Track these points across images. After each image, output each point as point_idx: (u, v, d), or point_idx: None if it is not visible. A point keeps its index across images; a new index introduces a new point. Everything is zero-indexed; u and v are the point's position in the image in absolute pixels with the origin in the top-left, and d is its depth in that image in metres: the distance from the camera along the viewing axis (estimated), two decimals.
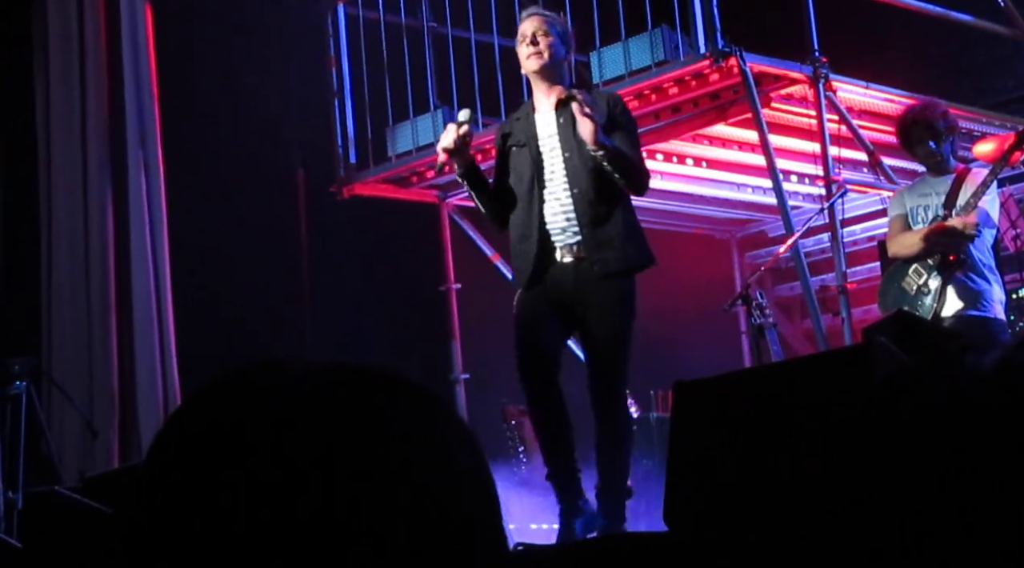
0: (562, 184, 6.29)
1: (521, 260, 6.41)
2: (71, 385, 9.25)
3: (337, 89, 10.49)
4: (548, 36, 6.42)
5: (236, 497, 1.28)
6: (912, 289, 7.47)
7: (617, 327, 6.32)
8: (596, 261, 6.24)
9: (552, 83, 6.45)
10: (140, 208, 9.62)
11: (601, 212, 6.26)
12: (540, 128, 6.43)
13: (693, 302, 11.11)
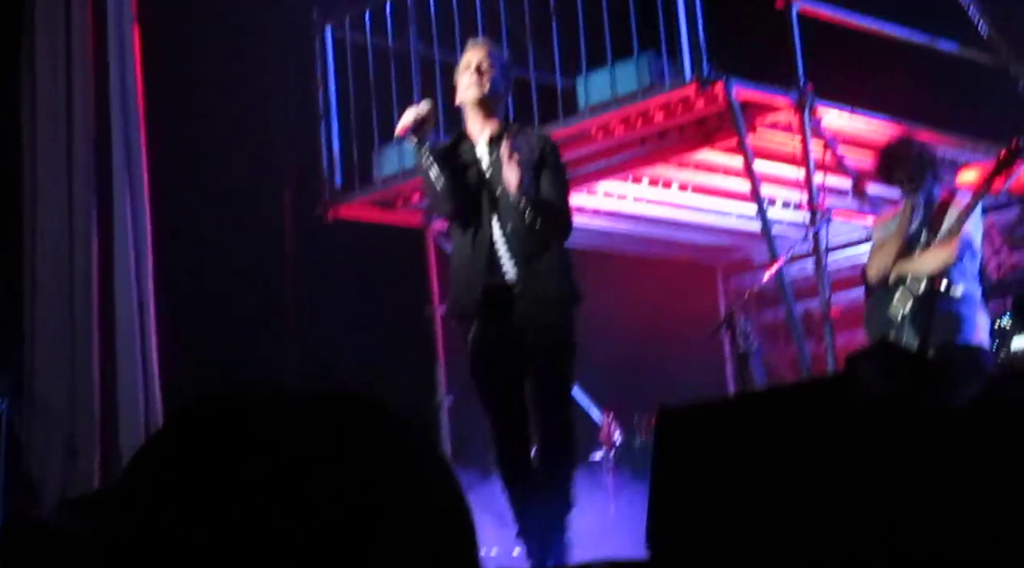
0: (496, 220, 6.21)
1: (466, 290, 6.28)
2: (53, 403, 9.23)
3: (324, 111, 10.51)
4: (491, 69, 6.35)
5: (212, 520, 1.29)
6: (897, 316, 7.47)
7: (559, 360, 6.21)
8: (534, 296, 6.16)
9: (488, 116, 6.36)
10: (125, 227, 9.61)
11: (535, 248, 6.17)
12: (479, 159, 6.33)
13: (678, 327, 11.13)
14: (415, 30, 10.47)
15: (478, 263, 6.21)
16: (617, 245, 11.36)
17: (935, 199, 7.62)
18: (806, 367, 8.39)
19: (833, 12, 9.26)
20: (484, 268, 6.19)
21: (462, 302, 6.30)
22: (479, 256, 6.21)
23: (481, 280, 6.19)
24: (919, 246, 7.47)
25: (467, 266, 6.26)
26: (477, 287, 6.20)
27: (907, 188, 7.70)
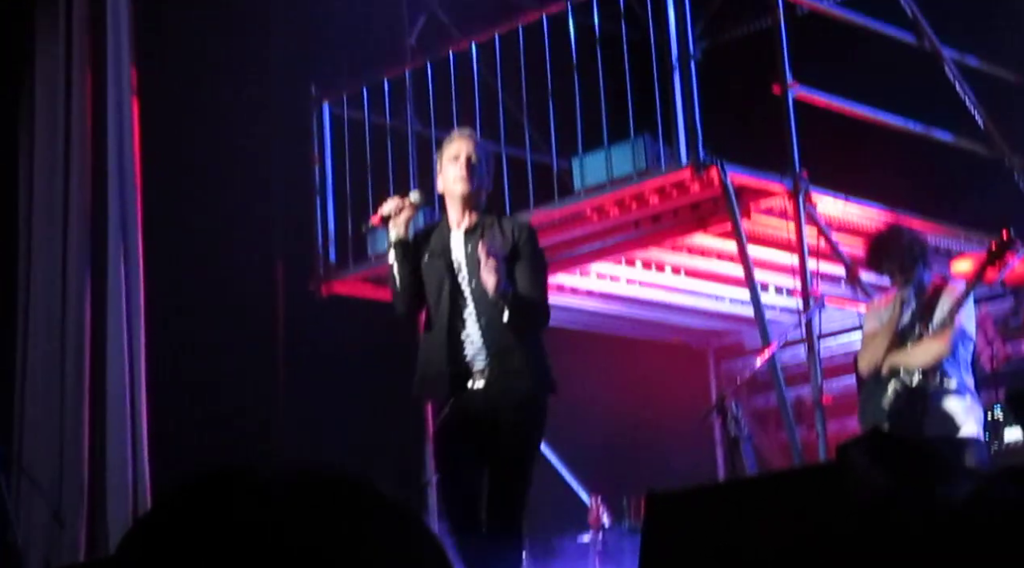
0: (471, 311, 6.25)
1: (435, 378, 6.31)
2: (41, 474, 9.19)
3: (319, 187, 10.53)
4: (480, 163, 6.39)
5: None
6: (890, 407, 7.46)
7: (521, 454, 6.25)
8: (504, 389, 6.18)
9: (469, 208, 6.39)
10: (119, 298, 9.60)
11: (508, 341, 6.21)
12: (453, 248, 6.37)
13: (668, 410, 11.11)
14: (413, 107, 10.52)
15: (443, 351, 6.23)
16: (609, 326, 11.36)
17: (926, 287, 7.63)
18: (797, 454, 8.37)
19: (829, 99, 9.30)
20: (449, 356, 6.23)
21: (427, 385, 6.37)
22: (444, 344, 6.23)
23: (447, 368, 6.22)
24: (912, 337, 7.46)
25: (434, 353, 6.29)
26: (444, 374, 6.22)
27: (897, 279, 7.72)
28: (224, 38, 10.86)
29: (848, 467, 2.93)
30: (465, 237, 6.32)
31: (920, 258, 7.65)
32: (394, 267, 6.32)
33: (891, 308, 7.62)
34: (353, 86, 10.47)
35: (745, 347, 12.10)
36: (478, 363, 6.22)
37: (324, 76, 10.76)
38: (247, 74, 11.11)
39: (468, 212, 6.38)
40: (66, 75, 9.80)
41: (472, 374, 6.23)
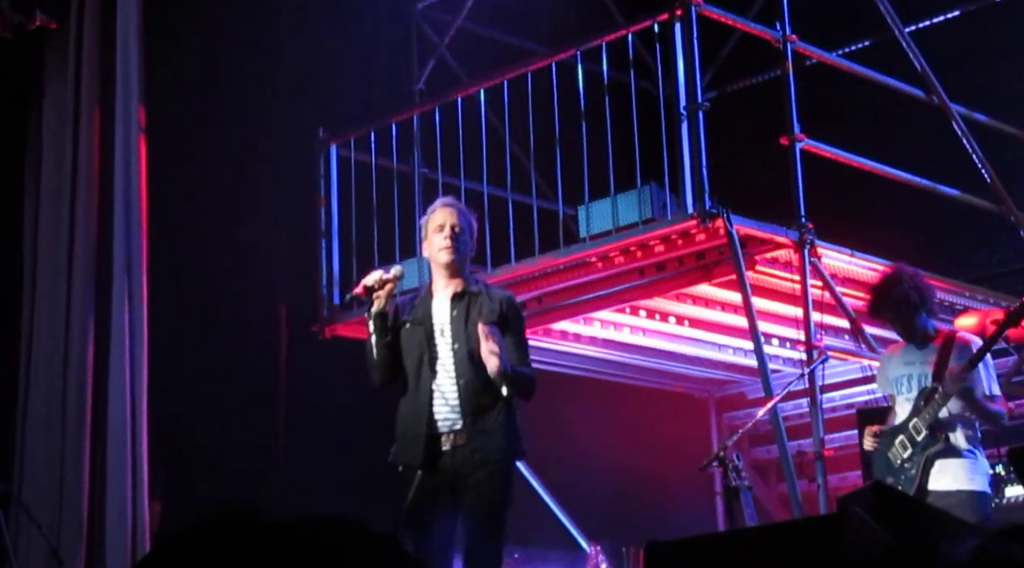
0: (450, 373, 6.45)
1: (411, 441, 6.49)
2: (40, 511, 9.15)
3: (325, 228, 10.54)
4: (464, 233, 6.65)
5: None
6: (897, 461, 7.45)
7: (493, 512, 6.41)
8: (476, 449, 6.38)
9: (453, 275, 6.63)
10: (121, 336, 9.59)
11: (485, 403, 6.42)
12: (435, 314, 6.58)
13: (669, 460, 11.09)
14: (419, 151, 10.54)
15: (423, 413, 6.44)
16: (611, 373, 11.35)
17: (931, 335, 7.63)
18: (798, 506, 8.34)
19: (836, 152, 9.31)
20: (428, 419, 6.43)
21: (406, 453, 6.53)
22: (423, 407, 6.44)
23: (424, 431, 6.43)
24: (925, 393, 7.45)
25: (412, 416, 6.51)
26: (421, 437, 6.43)
27: (897, 328, 7.73)
28: (233, 79, 10.89)
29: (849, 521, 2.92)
30: (451, 302, 6.56)
31: (921, 305, 7.64)
32: (372, 338, 6.56)
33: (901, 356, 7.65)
34: (361, 129, 10.49)
35: (747, 397, 12.09)
36: (454, 424, 6.42)
37: (332, 119, 10.78)
38: (255, 115, 11.14)
39: (453, 279, 6.62)
40: (74, 113, 9.81)
41: (447, 434, 6.43)
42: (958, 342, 7.55)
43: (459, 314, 6.50)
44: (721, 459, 7.69)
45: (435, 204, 6.81)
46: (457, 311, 6.52)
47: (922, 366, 7.56)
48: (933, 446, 7.35)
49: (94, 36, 9.76)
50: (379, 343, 6.55)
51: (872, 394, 9.32)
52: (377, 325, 6.54)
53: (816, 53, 9.71)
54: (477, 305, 6.51)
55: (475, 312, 6.48)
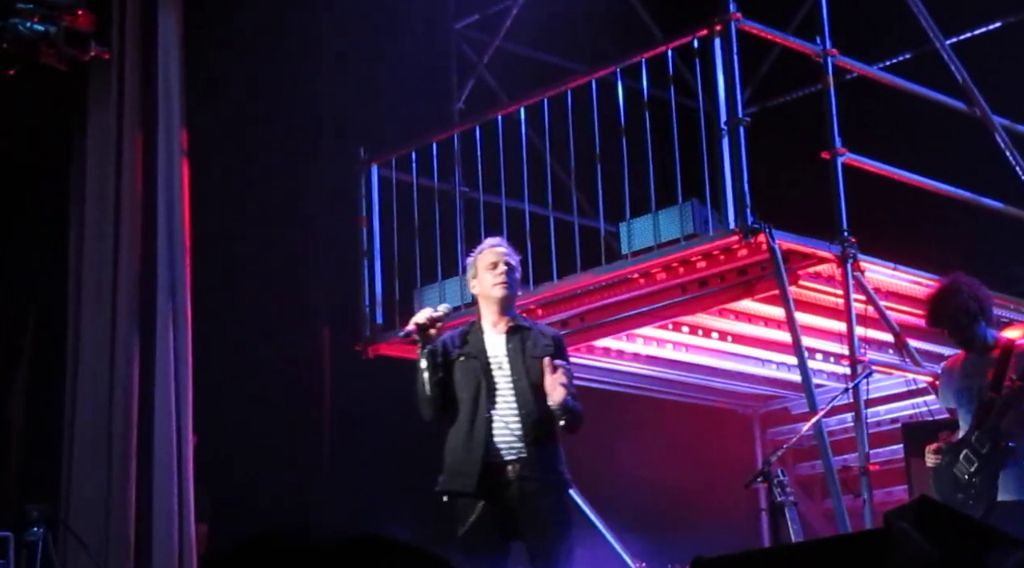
0: (511, 405, 6.70)
1: (463, 469, 6.69)
2: (87, 533, 9.19)
3: (367, 248, 10.57)
4: (513, 270, 6.95)
5: None
6: (964, 476, 7.42)
7: (562, 542, 6.67)
8: (539, 480, 6.63)
9: (504, 311, 6.89)
10: (166, 359, 9.63)
11: (543, 433, 6.66)
12: (489, 348, 6.82)
13: (713, 476, 11.05)
14: (460, 170, 10.56)
15: (478, 443, 6.65)
16: (654, 390, 11.33)
17: (990, 346, 7.60)
18: (843, 522, 8.31)
19: (878, 166, 9.28)
20: (486, 448, 6.64)
21: (459, 480, 6.73)
22: (480, 437, 6.65)
23: (480, 459, 6.63)
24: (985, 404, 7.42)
25: (465, 446, 6.70)
26: (476, 465, 6.63)
27: (956, 339, 7.70)
28: (274, 101, 10.95)
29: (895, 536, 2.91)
30: (507, 337, 6.82)
31: (980, 315, 7.62)
32: (424, 374, 6.74)
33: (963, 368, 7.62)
34: (401, 149, 10.52)
35: (791, 413, 12.05)
36: (520, 453, 6.64)
37: (373, 139, 10.81)
38: (297, 136, 11.19)
39: (503, 315, 6.87)
40: (117, 137, 9.86)
41: (506, 466, 6.64)
42: (1018, 351, 7.52)
43: (515, 347, 6.79)
44: (766, 475, 7.66)
45: (483, 245, 7.11)
46: (513, 345, 6.80)
47: (983, 377, 7.53)
48: (998, 457, 7.31)
49: (135, 62, 9.82)
50: (431, 379, 6.73)
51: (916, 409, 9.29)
52: (429, 362, 6.73)
53: (856, 67, 9.69)
54: (531, 340, 6.79)
55: (530, 346, 6.77)
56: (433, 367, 6.73)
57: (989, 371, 7.52)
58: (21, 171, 9.78)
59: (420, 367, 6.75)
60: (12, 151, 9.64)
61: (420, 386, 6.77)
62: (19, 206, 9.84)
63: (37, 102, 9.64)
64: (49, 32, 4.30)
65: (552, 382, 6.58)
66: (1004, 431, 7.35)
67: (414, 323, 6.72)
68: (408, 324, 6.79)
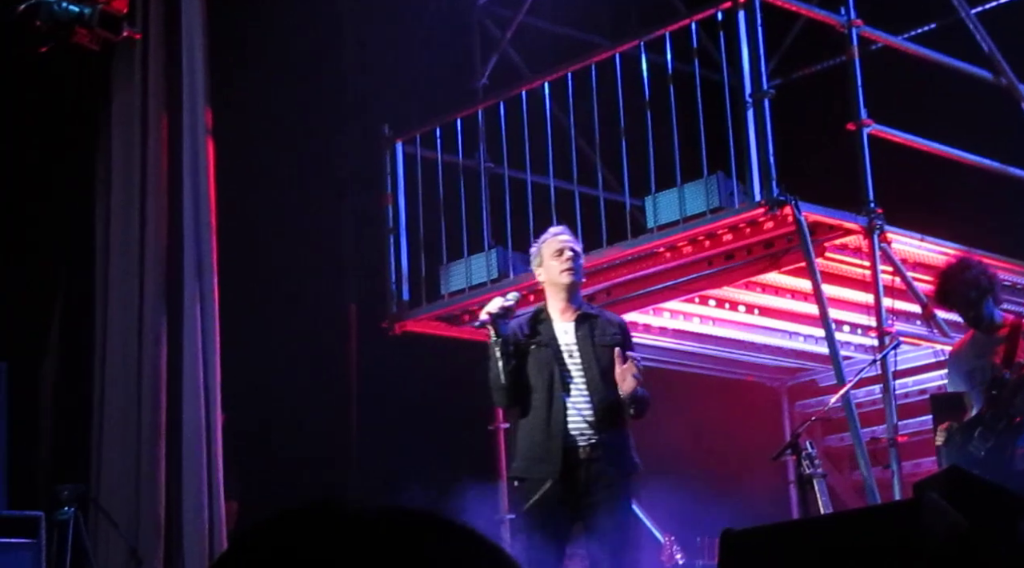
0: (582, 392, 6.87)
1: (544, 456, 6.84)
2: (118, 513, 9.24)
3: (392, 226, 10.57)
4: (578, 257, 7.11)
5: None
6: (980, 453, 7.40)
7: (627, 526, 6.97)
8: (611, 464, 6.82)
9: (571, 298, 7.06)
10: (194, 339, 9.65)
11: (613, 419, 6.86)
12: (559, 336, 6.99)
13: (741, 449, 11.05)
14: (485, 146, 10.55)
15: (556, 429, 6.81)
16: (682, 363, 11.32)
17: (997, 324, 7.58)
18: (872, 494, 8.30)
19: (904, 136, 9.25)
20: (562, 434, 6.80)
21: (541, 466, 6.86)
22: (558, 423, 6.81)
23: (559, 445, 6.79)
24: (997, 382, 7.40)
25: (543, 432, 6.85)
26: (557, 453, 6.79)
27: (965, 314, 7.68)
28: (299, 79, 10.95)
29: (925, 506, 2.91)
30: (575, 324, 6.98)
31: (988, 292, 7.60)
32: (499, 362, 6.86)
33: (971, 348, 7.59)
34: (426, 126, 10.52)
35: (819, 385, 12.03)
36: (590, 438, 6.81)
37: (397, 116, 10.81)
38: (322, 114, 11.19)
39: (570, 302, 7.02)
40: (142, 118, 9.88)
41: (578, 450, 6.80)
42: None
43: (584, 335, 6.96)
44: (794, 448, 7.65)
45: (547, 234, 7.22)
46: (582, 332, 6.98)
47: (992, 356, 7.51)
48: (1013, 434, 7.30)
49: (160, 42, 9.83)
50: (505, 368, 6.86)
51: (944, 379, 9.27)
52: (503, 349, 6.85)
53: (881, 37, 9.65)
54: (599, 328, 6.97)
55: (598, 334, 6.95)
56: (506, 356, 6.86)
57: (998, 349, 7.50)
58: (46, 152, 9.81)
59: (494, 356, 6.87)
60: (36, 132, 9.66)
61: (494, 375, 6.90)
62: (44, 187, 9.87)
63: (62, 82, 9.67)
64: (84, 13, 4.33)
65: (622, 373, 6.78)
66: (1018, 407, 7.33)
67: (487, 313, 6.87)
68: (481, 314, 6.94)
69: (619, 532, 6.84)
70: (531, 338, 6.98)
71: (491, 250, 9.98)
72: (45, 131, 9.70)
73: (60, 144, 9.89)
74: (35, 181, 9.78)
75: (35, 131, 9.62)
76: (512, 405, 7.11)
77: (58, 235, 9.98)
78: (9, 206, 9.61)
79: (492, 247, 10.03)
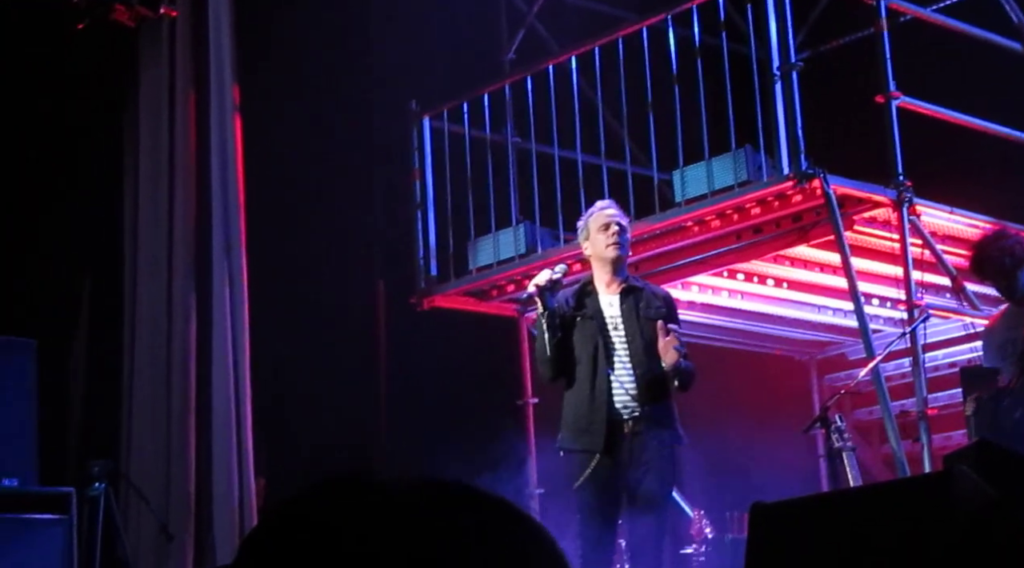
0: (626, 364, 6.96)
1: (589, 428, 6.93)
2: (148, 488, 9.28)
3: (420, 201, 10.57)
4: (625, 231, 7.17)
5: None
6: (1008, 422, 7.38)
7: (666, 493, 7.05)
8: (655, 437, 6.91)
9: (616, 271, 7.16)
10: (223, 316, 9.69)
11: (657, 392, 6.95)
12: (604, 309, 7.07)
13: (771, 423, 11.03)
14: (512, 120, 10.53)
15: (600, 402, 6.90)
16: (710, 337, 11.30)
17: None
18: (902, 467, 8.28)
19: (933, 108, 9.21)
20: (607, 406, 6.89)
21: (586, 439, 6.94)
22: (602, 396, 6.91)
23: (603, 417, 6.88)
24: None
25: (588, 405, 6.93)
26: (600, 425, 6.88)
27: (998, 284, 7.65)
28: (325, 55, 10.94)
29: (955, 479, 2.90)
30: (620, 297, 7.06)
31: (1023, 262, 7.57)
32: (545, 335, 6.96)
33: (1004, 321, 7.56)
34: (452, 101, 10.50)
35: (848, 359, 12.00)
36: (634, 411, 6.90)
37: (424, 91, 10.80)
38: (348, 90, 11.19)
39: (616, 275, 7.11)
40: (169, 95, 9.91)
41: (623, 423, 6.90)
42: None
43: (629, 308, 7.05)
44: (824, 421, 7.64)
45: (594, 208, 7.29)
46: (627, 305, 7.08)
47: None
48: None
49: (187, 18, 9.85)
50: (552, 340, 6.95)
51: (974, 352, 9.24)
52: (550, 322, 6.93)
53: (910, 9, 9.61)
54: (644, 301, 7.06)
55: (643, 307, 7.04)
56: (553, 328, 6.93)
57: None
58: (74, 130, 9.83)
59: (541, 329, 6.96)
60: (63, 110, 9.68)
61: (540, 347, 7.01)
62: (73, 165, 9.89)
63: (89, 59, 9.68)
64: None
65: (665, 345, 6.86)
66: None
67: (535, 286, 6.92)
68: (528, 286, 7.02)
69: (661, 504, 6.97)
70: (577, 310, 7.04)
71: (519, 225, 9.98)
72: (72, 109, 9.71)
73: (87, 122, 9.91)
74: (63, 160, 9.80)
75: (62, 109, 9.64)
76: (557, 377, 7.13)
77: (86, 213, 10.01)
78: (38, 185, 9.64)
79: (520, 222, 10.03)
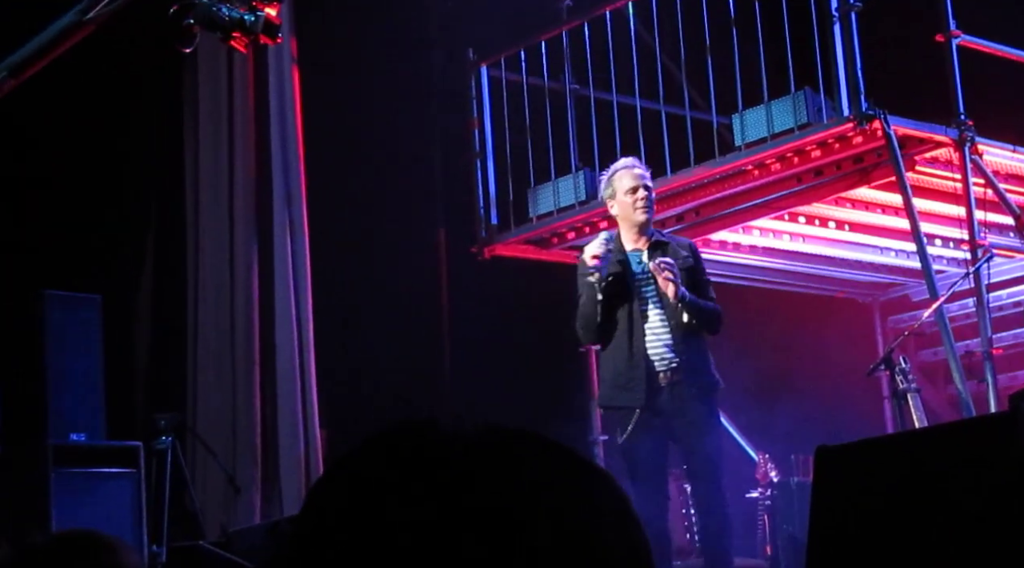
0: (661, 317, 7.05)
1: (628, 385, 7.04)
2: (215, 441, 9.37)
3: (479, 150, 10.56)
4: (651, 192, 7.26)
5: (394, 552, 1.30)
6: None
7: (716, 441, 7.22)
8: (693, 384, 7.03)
9: (643, 229, 7.24)
10: (285, 267, 9.74)
11: (692, 341, 7.06)
12: (635, 266, 7.17)
13: (835, 366, 11.00)
14: (570, 68, 10.50)
15: (639, 357, 7.01)
16: (772, 281, 11.28)
17: None
18: (967, 407, 8.25)
19: (993, 46, 9.12)
20: (645, 361, 7.00)
21: (626, 395, 7.05)
22: (639, 351, 7.02)
23: (643, 373, 6.99)
24: None
25: (626, 361, 7.04)
26: (641, 379, 6.99)
27: None
28: (382, 5, 10.94)
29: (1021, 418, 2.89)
30: (649, 253, 7.14)
31: None
32: (598, 305, 7.06)
33: None
34: (510, 49, 10.48)
35: (912, 300, 11.94)
36: (671, 363, 7.01)
37: (481, 40, 10.78)
38: (405, 40, 11.19)
39: (643, 233, 7.21)
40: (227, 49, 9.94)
41: (659, 374, 7.01)
42: None
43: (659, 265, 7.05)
44: (888, 363, 7.62)
45: (618, 166, 7.39)
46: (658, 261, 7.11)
47: None
48: None
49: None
50: (603, 308, 7.08)
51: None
52: (604, 291, 7.06)
53: None
54: (671, 253, 7.11)
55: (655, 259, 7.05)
56: (606, 295, 7.05)
57: None
58: (134, 87, 9.88)
59: (593, 296, 7.06)
60: (123, 66, 9.72)
61: (590, 313, 7.11)
62: (133, 122, 9.95)
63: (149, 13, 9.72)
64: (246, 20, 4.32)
65: (662, 283, 6.97)
66: None
67: (593, 257, 7.00)
68: (589, 262, 7.03)
69: (706, 448, 7.05)
70: (609, 270, 7.12)
71: (578, 172, 9.96)
72: (132, 64, 9.76)
73: (147, 78, 9.95)
74: (124, 116, 9.86)
75: (122, 65, 9.68)
76: (600, 341, 7.27)
77: (148, 168, 10.07)
78: (100, 141, 9.70)
79: (579, 169, 10.01)
